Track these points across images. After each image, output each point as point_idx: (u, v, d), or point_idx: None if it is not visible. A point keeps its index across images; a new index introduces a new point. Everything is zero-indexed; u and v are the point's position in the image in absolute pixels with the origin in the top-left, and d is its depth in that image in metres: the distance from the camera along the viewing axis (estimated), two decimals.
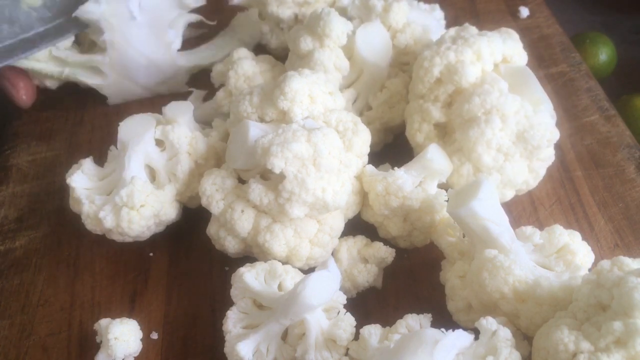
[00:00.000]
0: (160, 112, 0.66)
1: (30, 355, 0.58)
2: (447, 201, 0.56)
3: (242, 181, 0.59)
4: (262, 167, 0.56)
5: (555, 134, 0.60)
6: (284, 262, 0.57)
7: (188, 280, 0.63)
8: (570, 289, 0.48)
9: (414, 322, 0.50)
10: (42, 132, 0.80)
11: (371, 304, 0.59)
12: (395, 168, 0.60)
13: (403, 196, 0.58)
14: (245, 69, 0.72)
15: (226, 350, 0.52)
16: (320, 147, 0.53)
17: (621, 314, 0.41)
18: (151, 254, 0.65)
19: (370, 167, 0.61)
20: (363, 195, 0.62)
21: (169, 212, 0.62)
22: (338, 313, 0.53)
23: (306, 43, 0.68)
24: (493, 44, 0.62)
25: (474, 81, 0.61)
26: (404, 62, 0.72)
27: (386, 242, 0.62)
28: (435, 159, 0.60)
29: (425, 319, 0.51)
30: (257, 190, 0.55)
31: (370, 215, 0.62)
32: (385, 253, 0.60)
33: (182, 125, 0.64)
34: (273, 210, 0.55)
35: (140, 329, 0.58)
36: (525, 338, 0.50)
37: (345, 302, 0.55)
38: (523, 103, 0.59)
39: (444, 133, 0.65)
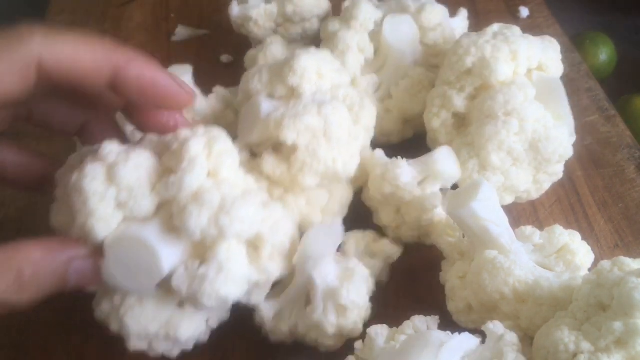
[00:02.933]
0: None
1: (30, 355, 0.58)
2: (447, 202, 0.56)
3: (254, 155, 0.61)
4: (274, 140, 0.57)
5: (568, 152, 0.60)
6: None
7: None
8: (570, 289, 0.48)
9: (421, 323, 0.50)
10: (42, 132, 0.79)
11: (371, 304, 0.59)
12: (400, 157, 0.60)
13: (396, 185, 0.58)
14: (274, 52, 0.73)
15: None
16: (330, 120, 0.55)
17: (621, 314, 0.41)
18: None
19: (380, 152, 0.62)
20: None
21: None
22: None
23: (334, 25, 0.71)
24: (532, 49, 0.61)
25: (503, 80, 0.60)
26: (434, 65, 0.72)
27: (378, 229, 0.62)
28: (440, 160, 0.60)
29: (433, 320, 0.51)
30: (270, 163, 0.57)
31: (368, 198, 0.62)
32: (391, 250, 0.60)
33: None
34: (286, 181, 0.57)
35: None
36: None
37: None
38: (546, 114, 0.59)
39: (461, 125, 0.65)
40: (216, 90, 0.71)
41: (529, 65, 0.62)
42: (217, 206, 0.46)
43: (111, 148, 0.48)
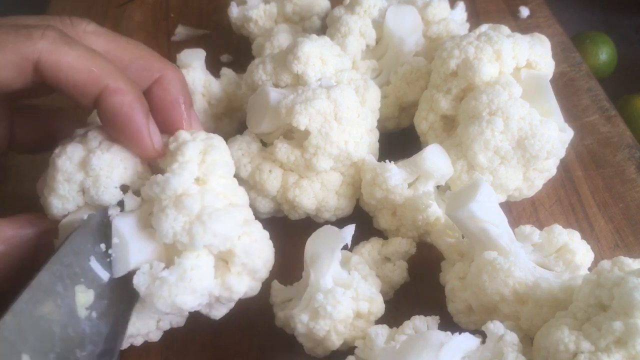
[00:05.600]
0: None
1: None
2: (446, 203, 0.56)
3: (264, 145, 0.62)
4: (284, 128, 0.59)
5: (557, 148, 0.59)
6: (314, 215, 0.61)
7: None
8: (570, 289, 0.48)
9: (421, 324, 0.50)
10: None
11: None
12: (387, 161, 0.60)
13: (387, 189, 0.59)
14: (281, 41, 0.74)
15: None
16: (340, 102, 0.57)
17: (621, 314, 0.41)
18: None
19: (370, 157, 0.62)
20: None
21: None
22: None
23: (339, 11, 0.73)
24: (518, 47, 0.61)
25: (488, 80, 0.60)
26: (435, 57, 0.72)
27: (379, 234, 0.62)
28: (428, 159, 0.59)
29: (433, 320, 0.51)
30: (283, 150, 0.58)
31: (364, 204, 0.63)
32: (407, 245, 0.60)
33: (196, 69, 0.69)
34: (300, 167, 0.58)
35: None
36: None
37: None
38: (531, 111, 0.58)
39: (451, 127, 0.65)
40: (224, 73, 0.73)
41: (516, 63, 0.62)
42: (195, 214, 0.45)
43: (97, 135, 0.48)
